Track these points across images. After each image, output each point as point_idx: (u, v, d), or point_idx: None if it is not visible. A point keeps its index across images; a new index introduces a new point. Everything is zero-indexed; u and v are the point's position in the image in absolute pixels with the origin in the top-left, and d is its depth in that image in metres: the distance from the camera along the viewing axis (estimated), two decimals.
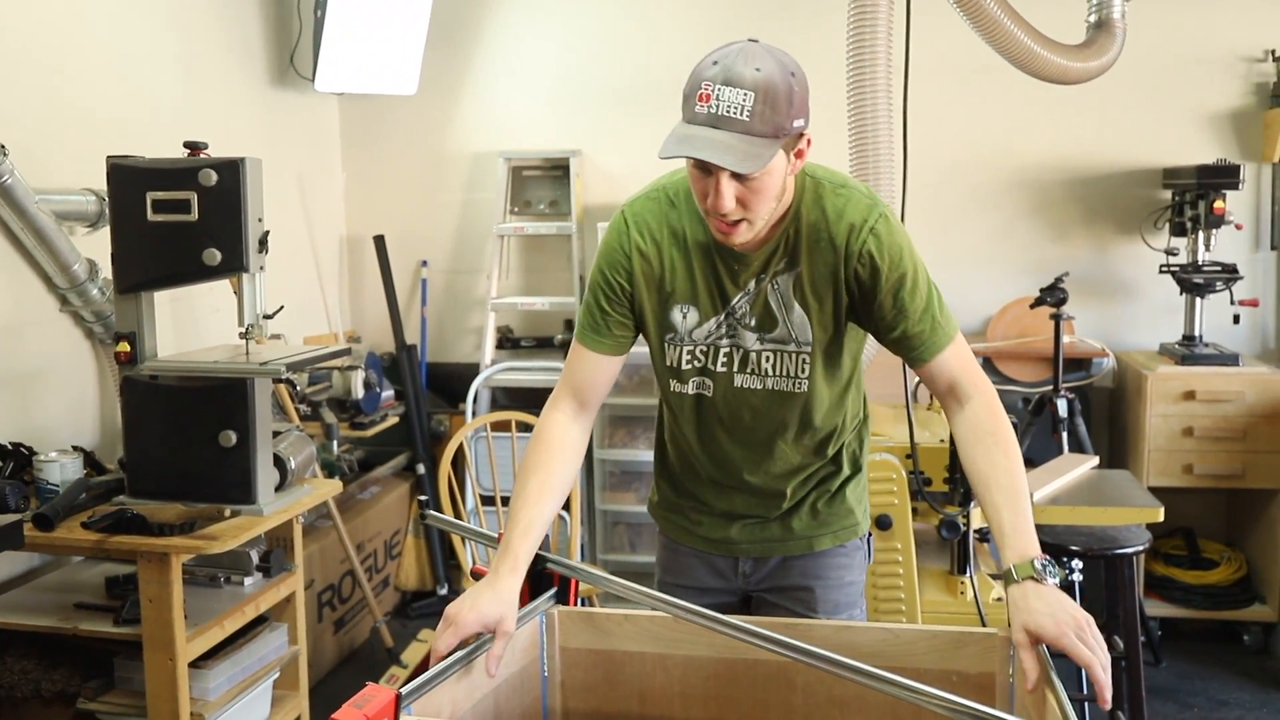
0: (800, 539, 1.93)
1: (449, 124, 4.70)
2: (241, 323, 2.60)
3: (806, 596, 1.94)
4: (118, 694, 2.60)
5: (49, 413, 2.99)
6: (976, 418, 1.71)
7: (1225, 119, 4.16)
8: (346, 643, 4.00)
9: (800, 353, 1.77)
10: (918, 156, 2.73)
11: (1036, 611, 1.46)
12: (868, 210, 1.72)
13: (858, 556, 1.99)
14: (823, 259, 1.72)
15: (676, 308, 1.80)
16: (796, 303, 1.75)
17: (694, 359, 1.82)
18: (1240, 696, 3.60)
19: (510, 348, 4.64)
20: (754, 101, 1.52)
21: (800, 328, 1.76)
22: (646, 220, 1.80)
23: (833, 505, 1.94)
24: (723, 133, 1.53)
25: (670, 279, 1.79)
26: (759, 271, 1.75)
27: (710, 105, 1.53)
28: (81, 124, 3.13)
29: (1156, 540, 3.85)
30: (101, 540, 2.45)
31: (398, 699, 1.32)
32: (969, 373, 1.75)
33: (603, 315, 1.81)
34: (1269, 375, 3.80)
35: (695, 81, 1.56)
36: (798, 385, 1.79)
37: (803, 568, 1.94)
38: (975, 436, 1.70)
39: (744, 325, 1.78)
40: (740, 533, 1.94)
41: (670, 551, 2.05)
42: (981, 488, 1.65)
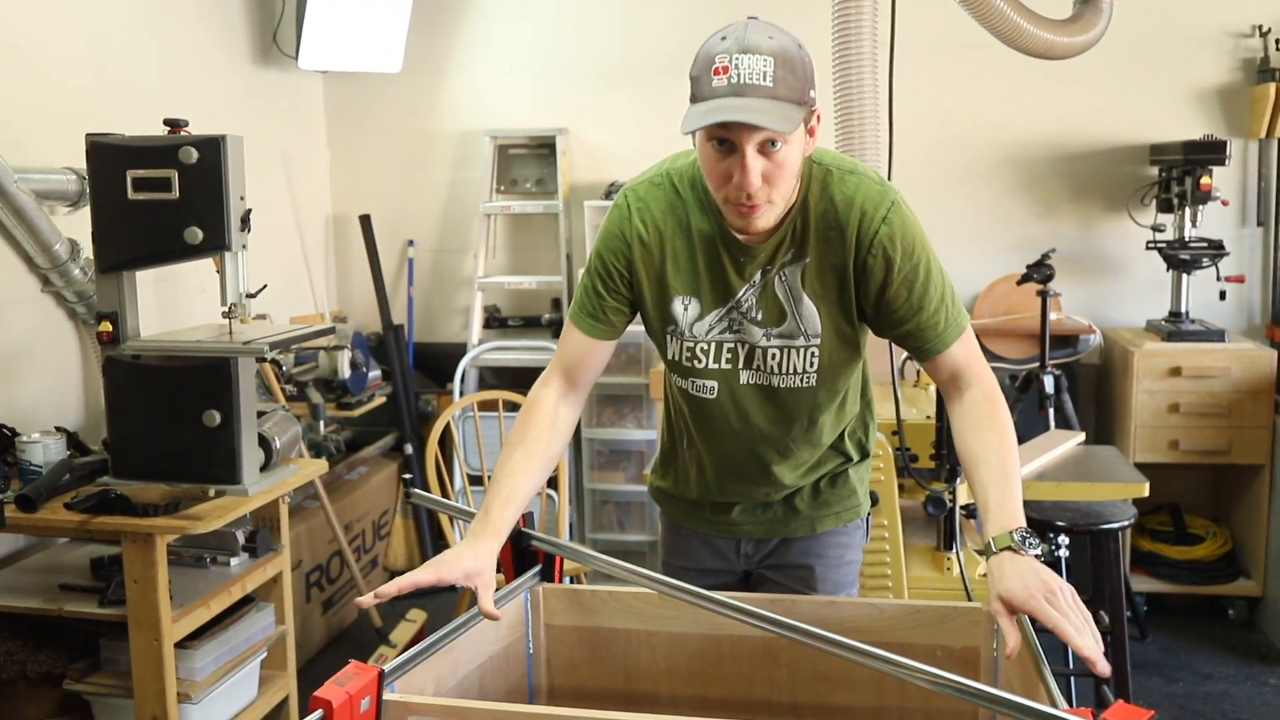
0: (803, 520, 1.91)
1: (434, 102, 4.67)
2: (224, 302, 2.58)
3: (806, 575, 1.93)
4: (104, 675, 2.60)
5: (31, 394, 2.97)
6: (974, 403, 1.68)
7: (1212, 95, 4.16)
8: (335, 623, 4.00)
9: (809, 346, 1.72)
10: (904, 133, 2.72)
11: (1008, 578, 1.44)
12: (879, 198, 1.66)
13: (857, 535, 1.98)
14: (833, 248, 1.66)
15: (678, 299, 1.74)
16: (805, 294, 1.69)
17: (695, 356, 1.76)
18: (1225, 670, 3.62)
19: (497, 327, 4.63)
20: (775, 67, 1.48)
21: (809, 320, 1.71)
22: (650, 207, 1.74)
23: (835, 486, 1.92)
24: (749, 99, 1.48)
25: (672, 269, 1.73)
26: (765, 263, 1.69)
27: (730, 76, 1.48)
28: (60, 102, 3.10)
29: (1142, 516, 3.87)
30: (85, 521, 2.44)
31: (380, 676, 1.32)
32: (973, 363, 1.72)
33: (598, 299, 1.77)
34: (1255, 351, 3.81)
35: (706, 59, 1.51)
36: (806, 380, 1.74)
37: (804, 547, 1.93)
38: (971, 421, 1.67)
39: (750, 319, 1.72)
40: (742, 515, 1.92)
41: (673, 533, 2.02)
42: (971, 467, 1.63)
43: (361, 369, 4.03)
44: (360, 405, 4.05)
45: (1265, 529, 3.83)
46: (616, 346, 1.86)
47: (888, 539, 2.74)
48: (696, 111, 1.51)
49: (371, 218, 4.58)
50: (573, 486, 4.40)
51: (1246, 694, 3.46)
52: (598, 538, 4.46)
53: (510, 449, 1.73)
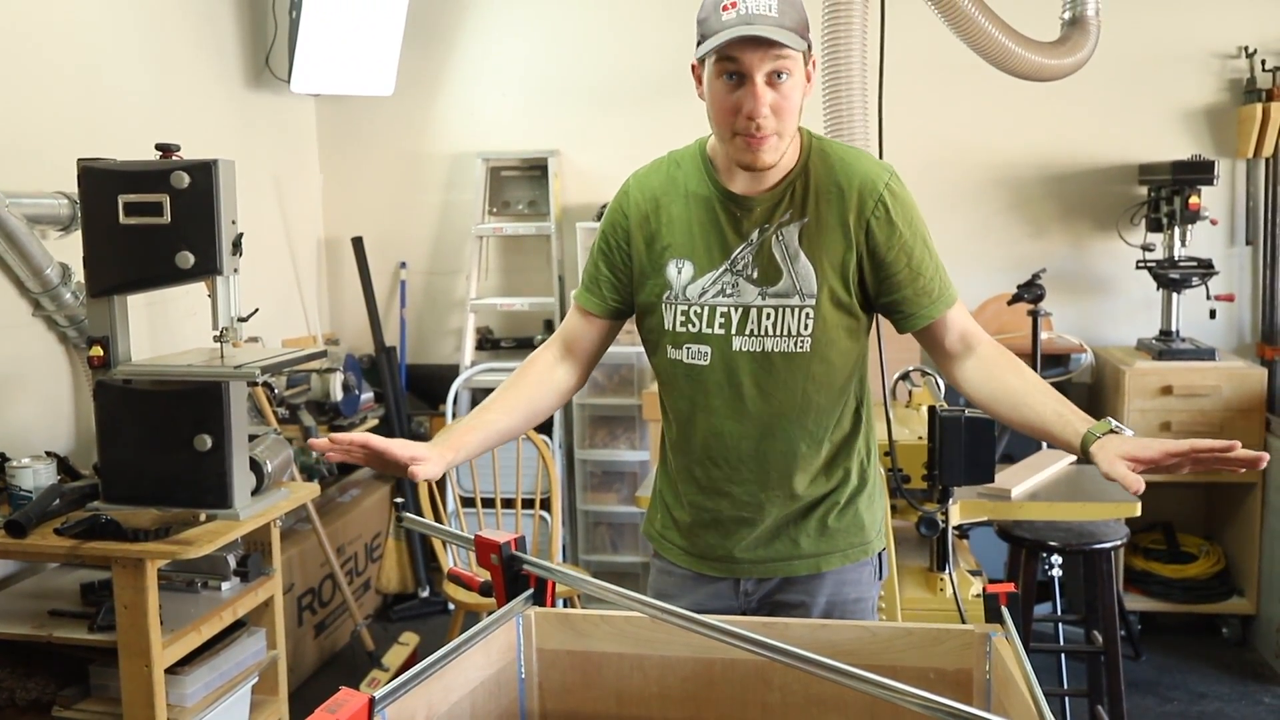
0: (806, 558, 1.86)
1: (426, 125, 4.68)
2: (216, 326, 2.58)
3: (804, 614, 1.87)
4: (94, 701, 2.58)
5: (22, 418, 2.96)
6: (991, 353, 1.77)
7: (1200, 115, 4.18)
8: (327, 646, 3.98)
9: (804, 306, 1.74)
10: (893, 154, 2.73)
11: (1130, 442, 1.52)
12: (881, 168, 1.76)
13: (866, 573, 1.91)
14: (833, 208, 1.73)
15: (672, 262, 1.78)
16: (803, 252, 1.73)
17: (689, 320, 1.78)
18: (1219, 689, 3.62)
19: (490, 349, 4.64)
20: (779, 1, 1.60)
21: (805, 278, 1.73)
22: (648, 181, 1.84)
23: (843, 520, 1.87)
24: (758, 25, 1.58)
25: (667, 232, 1.79)
26: (763, 221, 1.74)
27: (739, 9, 1.59)
28: (52, 126, 3.11)
29: (1135, 535, 3.88)
30: (75, 546, 2.43)
31: (371, 703, 1.31)
32: (974, 327, 1.80)
33: (596, 273, 1.87)
34: (1245, 369, 3.83)
35: (712, 2, 1.62)
36: (799, 345, 1.75)
37: (806, 586, 1.88)
38: (998, 364, 1.75)
39: (745, 277, 1.75)
40: (743, 551, 1.87)
41: (668, 576, 1.96)
42: (1019, 397, 1.70)
43: (354, 391, 4.03)
44: (353, 427, 4.05)
45: (1258, 547, 3.83)
46: (608, 368, 1.89)
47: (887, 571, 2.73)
48: (711, 41, 1.61)
49: (364, 240, 4.59)
50: (566, 508, 4.39)
51: (1241, 713, 3.46)
52: (591, 559, 4.45)
53: (497, 392, 1.84)
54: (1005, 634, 1.57)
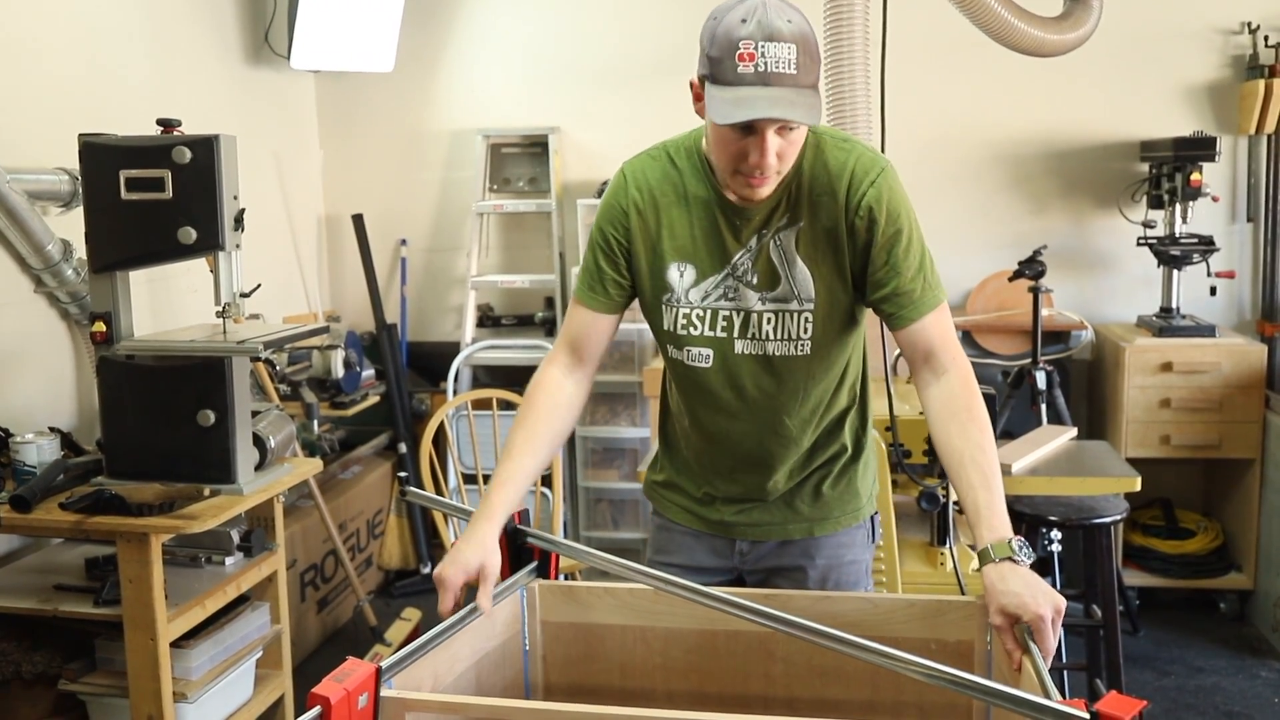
0: (801, 523, 1.89)
1: (427, 101, 4.67)
2: (218, 301, 2.58)
3: (802, 578, 1.90)
4: (99, 675, 2.60)
5: (25, 394, 2.97)
6: (952, 391, 1.68)
7: (1202, 91, 4.17)
8: (330, 622, 4.00)
9: (802, 311, 1.73)
10: (895, 131, 2.73)
11: (1016, 594, 1.46)
12: (870, 163, 1.70)
13: (859, 536, 1.94)
14: (825, 212, 1.70)
15: (674, 265, 1.76)
16: (799, 258, 1.71)
17: (691, 323, 1.77)
18: (1216, 663, 3.64)
19: (491, 326, 4.64)
20: (797, 54, 1.52)
21: (803, 284, 1.72)
22: (646, 176, 1.78)
23: (837, 488, 1.89)
24: (777, 89, 1.51)
25: (668, 236, 1.76)
26: (760, 226, 1.72)
27: (757, 64, 1.51)
28: (53, 102, 3.10)
29: (1134, 511, 3.89)
30: (80, 521, 2.44)
31: (378, 672, 1.33)
32: (949, 344, 1.72)
33: (599, 272, 1.80)
34: (1245, 346, 3.83)
35: (729, 41, 1.52)
36: (800, 348, 1.75)
37: (802, 548, 1.90)
38: (950, 411, 1.67)
39: (745, 283, 1.73)
40: (738, 516, 1.89)
41: (664, 531, 1.99)
42: (956, 463, 1.63)
43: (355, 368, 4.04)
44: (354, 404, 4.06)
45: (1256, 523, 3.85)
46: (610, 344, 1.87)
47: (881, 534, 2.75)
48: (726, 100, 1.53)
49: (364, 217, 4.58)
50: (567, 485, 4.40)
51: (1238, 687, 3.48)
52: (592, 535, 4.46)
53: (513, 431, 1.78)
54: None
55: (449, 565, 1.59)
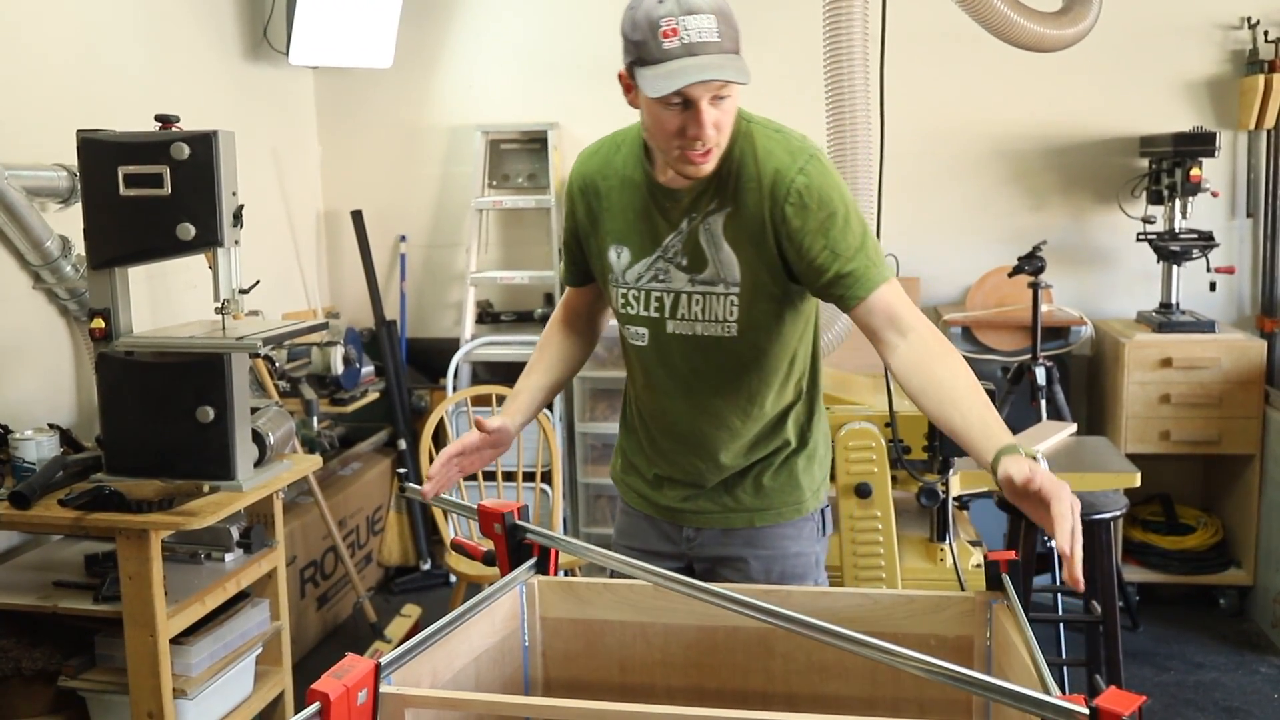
0: (742, 512, 1.93)
1: (425, 97, 4.66)
2: (217, 298, 2.58)
3: (744, 567, 1.94)
4: (99, 671, 2.60)
5: (24, 391, 2.97)
6: (925, 342, 1.65)
7: (1202, 86, 4.17)
8: (330, 619, 4.00)
9: (728, 294, 1.77)
10: (895, 126, 2.73)
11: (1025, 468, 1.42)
12: (797, 152, 1.73)
13: (805, 529, 1.96)
14: (752, 199, 1.73)
15: (613, 248, 1.85)
16: (725, 242, 1.76)
17: (628, 303, 1.85)
18: (1216, 659, 3.64)
19: (490, 322, 4.63)
20: (717, 23, 1.58)
21: (728, 267, 1.76)
22: (591, 163, 1.89)
23: (778, 480, 1.92)
24: (704, 57, 1.56)
25: (608, 219, 1.85)
26: (689, 210, 1.76)
27: (680, 37, 1.56)
28: (50, 98, 3.09)
29: (1134, 507, 3.89)
30: (79, 517, 2.44)
31: (377, 669, 1.32)
32: (910, 308, 1.70)
33: (569, 252, 1.97)
34: (1245, 341, 3.83)
35: (650, 21, 1.58)
36: (726, 330, 1.79)
37: (745, 537, 1.94)
38: (931, 355, 1.64)
39: (676, 265, 1.80)
40: (684, 503, 1.96)
41: (625, 515, 2.08)
42: (949, 395, 1.59)
43: (354, 365, 4.03)
44: (353, 401, 4.06)
45: (1255, 519, 3.85)
46: (607, 340, 1.97)
47: (880, 530, 2.75)
48: (659, 74, 1.58)
49: (363, 213, 4.57)
50: (566, 481, 4.40)
51: (1238, 682, 3.48)
52: (591, 531, 4.46)
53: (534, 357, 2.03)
54: (1006, 601, 1.58)
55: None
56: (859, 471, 2.75)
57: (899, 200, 3.95)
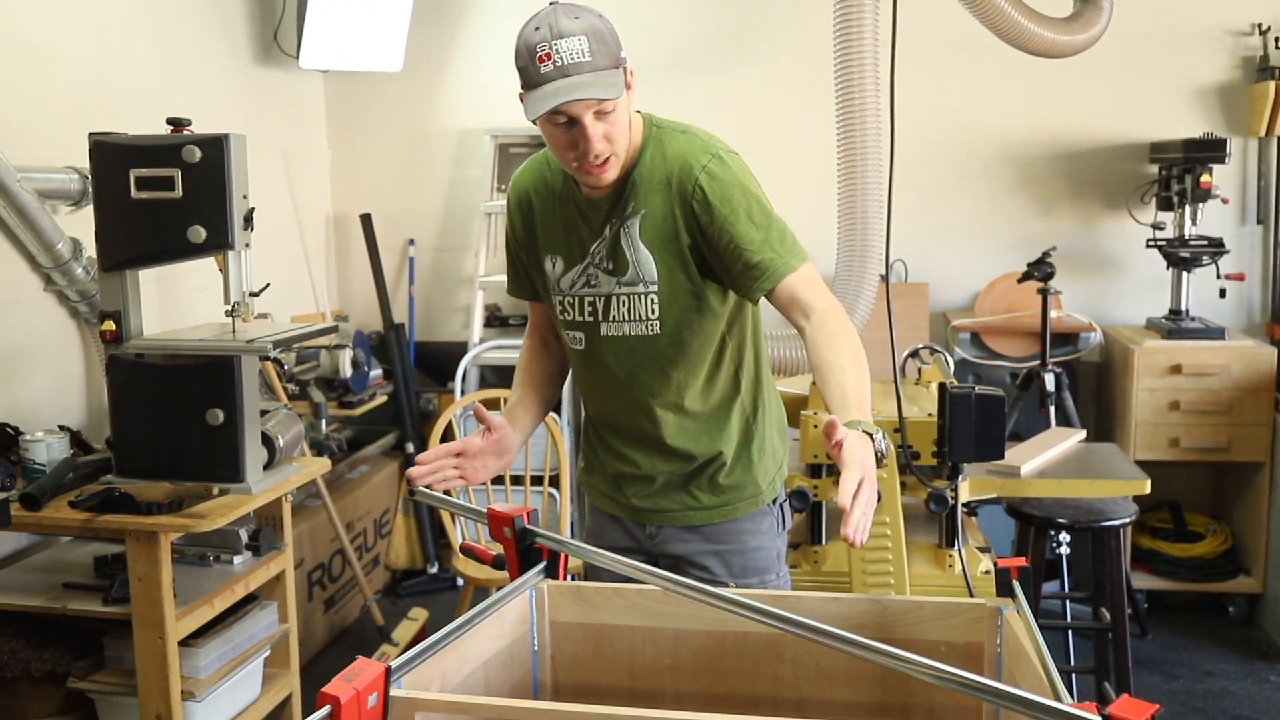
0: (701, 510, 2.00)
1: (435, 101, 4.67)
2: (227, 300, 2.58)
3: (706, 563, 2.00)
4: (108, 673, 2.60)
5: (34, 393, 2.97)
6: (822, 321, 1.75)
7: (1212, 93, 4.16)
8: (337, 621, 4.00)
9: (648, 293, 1.86)
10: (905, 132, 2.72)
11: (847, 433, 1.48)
12: (701, 151, 1.82)
13: (764, 522, 2.02)
14: (661, 199, 1.82)
15: (547, 258, 1.94)
16: (642, 243, 1.84)
17: (565, 310, 1.94)
18: (1225, 667, 3.63)
19: (498, 326, 4.64)
20: (588, 42, 1.68)
21: (646, 268, 1.85)
22: (525, 180, 1.97)
23: (733, 477, 1.98)
24: (574, 77, 1.67)
25: (542, 230, 1.94)
26: (609, 217, 1.85)
27: (554, 60, 1.67)
28: (63, 101, 3.11)
29: (1143, 514, 3.88)
30: (89, 519, 2.44)
31: (388, 672, 1.32)
32: (814, 291, 1.78)
33: (511, 265, 2.05)
34: (1255, 349, 3.82)
35: (528, 49, 1.69)
36: (650, 328, 1.87)
37: (705, 534, 2.00)
38: (822, 335, 1.73)
39: (603, 270, 1.88)
40: (644, 501, 2.02)
41: (593, 516, 2.16)
42: (825, 371, 1.68)
43: (363, 368, 4.04)
44: (362, 404, 4.06)
45: (1265, 526, 3.84)
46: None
47: (889, 536, 2.74)
48: (536, 98, 1.69)
49: (372, 216, 4.59)
50: (573, 485, 4.40)
51: (1247, 691, 3.47)
52: None
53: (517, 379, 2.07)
54: (1016, 608, 1.58)
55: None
56: None
57: (909, 205, 3.96)
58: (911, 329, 4.11)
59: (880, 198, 2.90)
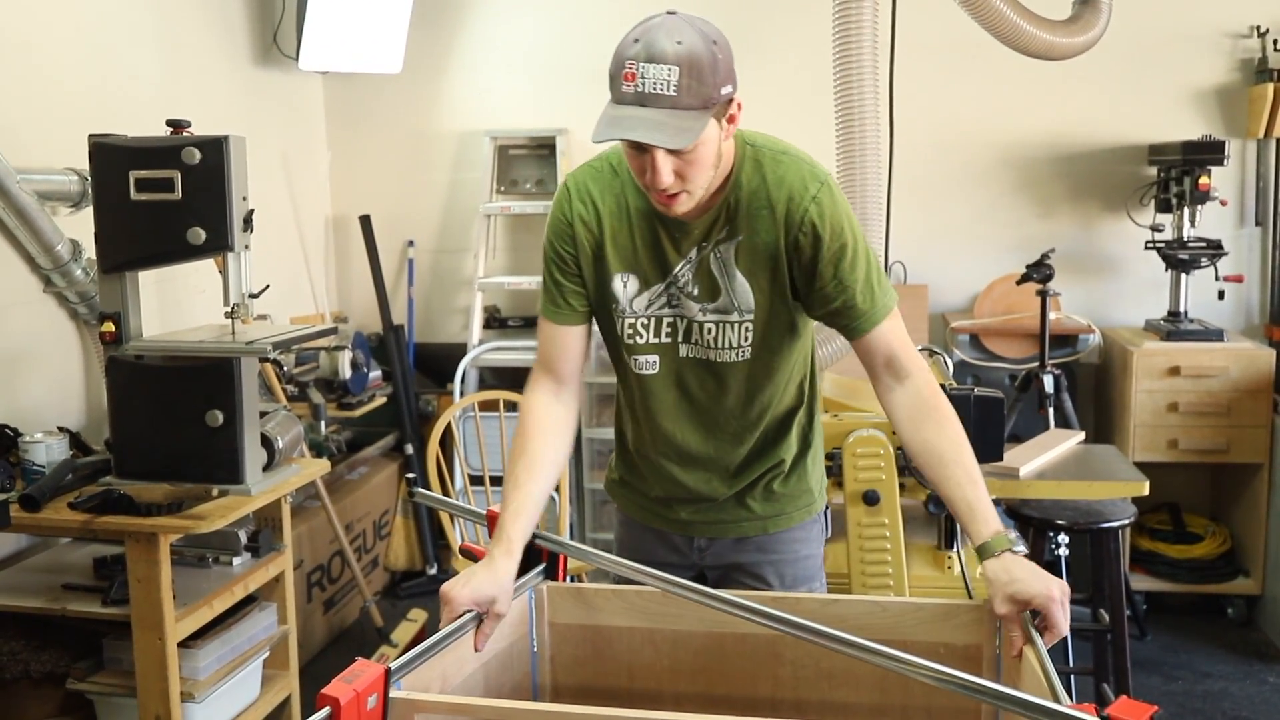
0: (755, 520, 1.92)
1: (434, 103, 4.67)
2: (227, 302, 2.58)
3: (760, 573, 1.93)
4: (107, 674, 2.60)
5: (34, 394, 2.97)
6: (920, 394, 1.71)
7: (1211, 95, 4.17)
8: (336, 623, 4.00)
9: (743, 321, 1.76)
10: (904, 134, 2.74)
11: (1024, 581, 1.50)
12: (809, 178, 1.70)
13: (814, 530, 1.98)
14: (764, 227, 1.71)
15: (617, 277, 1.78)
16: (739, 271, 1.73)
17: (637, 332, 1.80)
18: (1224, 669, 3.63)
19: (498, 327, 4.64)
20: (679, 75, 1.52)
21: (742, 296, 1.74)
22: (588, 188, 1.79)
23: (788, 485, 1.92)
24: (651, 110, 1.52)
25: (611, 247, 1.77)
26: (700, 240, 1.73)
27: (636, 84, 1.52)
28: (62, 103, 3.11)
29: (1142, 515, 3.87)
30: (89, 520, 2.44)
31: (387, 674, 1.33)
32: (907, 348, 1.75)
33: (557, 287, 1.81)
34: (1253, 350, 3.82)
35: (619, 61, 1.55)
36: (741, 355, 1.78)
37: (758, 544, 1.93)
38: (923, 412, 1.70)
39: (686, 294, 1.76)
40: (694, 515, 1.92)
41: (626, 528, 2.03)
42: (937, 463, 1.66)
43: (362, 369, 4.04)
44: (361, 405, 4.06)
45: (1264, 528, 3.84)
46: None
47: (889, 538, 2.74)
48: (604, 119, 1.56)
49: (371, 218, 4.58)
50: (573, 486, 4.40)
51: (1246, 692, 3.47)
52: (598, 537, 4.46)
53: (513, 461, 1.76)
54: None
55: (462, 587, 1.57)
56: (867, 479, 2.74)
57: (907, 207, 3.96)
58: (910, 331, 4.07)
59: (879, 199, 2.90)
